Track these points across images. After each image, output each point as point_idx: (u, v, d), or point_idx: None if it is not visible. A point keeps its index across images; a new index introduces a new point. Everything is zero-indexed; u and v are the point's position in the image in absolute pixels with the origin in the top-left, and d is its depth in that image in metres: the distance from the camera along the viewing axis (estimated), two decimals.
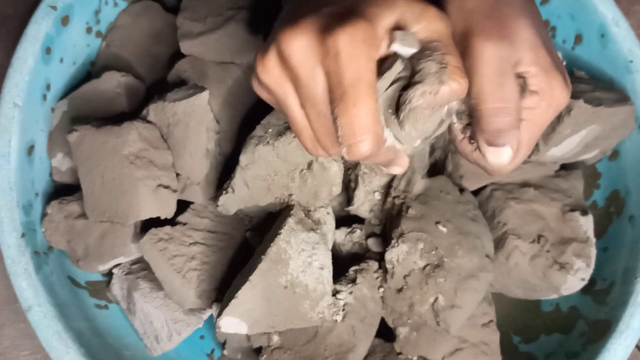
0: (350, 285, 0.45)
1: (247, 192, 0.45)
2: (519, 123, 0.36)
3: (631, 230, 0.50)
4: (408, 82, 0.33)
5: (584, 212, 0.49)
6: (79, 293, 0.49)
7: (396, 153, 0.36)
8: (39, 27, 0.47)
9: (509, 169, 0.37)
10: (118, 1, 0.54)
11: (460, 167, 0.49)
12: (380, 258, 0.48)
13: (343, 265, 0.47)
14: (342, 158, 0.44)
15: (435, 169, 0.51)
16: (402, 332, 0.46)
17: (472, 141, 0.38)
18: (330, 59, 0.32)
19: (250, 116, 0.51)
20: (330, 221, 0.47)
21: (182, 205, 0.48)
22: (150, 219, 0.46)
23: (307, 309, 0.43)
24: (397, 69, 0.33)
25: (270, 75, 0.34)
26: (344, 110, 0.32)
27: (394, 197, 0.48)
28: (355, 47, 0.31)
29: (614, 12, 0.50)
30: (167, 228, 0.47)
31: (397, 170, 0.37)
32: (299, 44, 0.32)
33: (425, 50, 0.33)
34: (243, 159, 0.45)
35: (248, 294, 0.40)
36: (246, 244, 0.49)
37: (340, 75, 0.32)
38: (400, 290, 0.45)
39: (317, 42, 0.32)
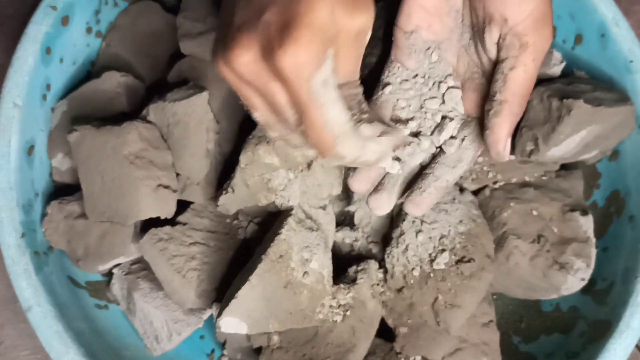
0: (350, 285, 0.45)
1: (247, 192, 0.45)
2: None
3: (631, 230, 0.50)
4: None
5: (584, 212, 0.49)
6: (79, 293, 0.49)
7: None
8: (39, 27, 0.47)
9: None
10: (118, 1, 0.54)
11: None
12: (380, 258, 0.48)
13: (343, 265, 0.47)
14: None
15: None
16: (402, 332, 0.46)
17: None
18: (281, 81, 0.31)
19: (250, 116, 0.51)
20: (330, 221, 0.47)
21: (182, 205, 0.48)
22: (150, 219, 0.46)
23: (307, 309, 0.43)
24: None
25: (229, 76, 0.33)
26: (309, 126, 0.33)
27: None
28: (301, 69, 0.31)
29: (614, 12, 0.50)
30: (167, 228, 0.47)
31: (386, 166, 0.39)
32: (245, 61, 0.31)
33: None
34: (243, 159, 0.45)
35: (248, 294, 0.40)
36: (246, 244, 0.49)
37: (296, 96, 0.32)
38: (400, 290, 0.45)
39: (262, 62, 0.31)
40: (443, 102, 0.42)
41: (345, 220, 0.51)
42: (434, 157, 0.42)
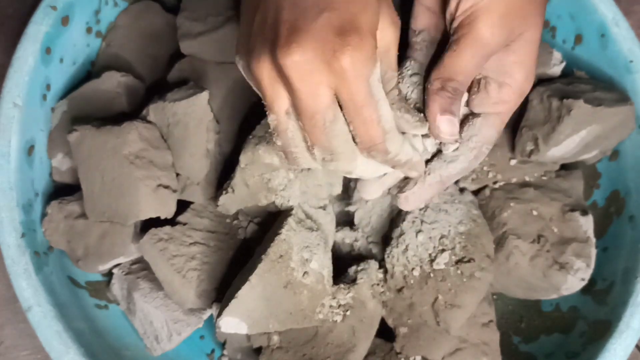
0: (350, 285, 0.45)
1: (247, 192, 0.45)
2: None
3: (631, 230, 0.50)
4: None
5: (584, 212, 0.49)
6: (79, 293, 0.49)
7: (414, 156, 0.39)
8: (39, 27, 0.47)
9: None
10: (118, 1, 0.54)
11: None
12: (380, 258, 0.48)
13: (343, 265, 0.47)
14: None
15: None
16: (402, 332, 0.46)
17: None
18: (337, 80, 0.33)
19: (250, 116, 0.51)
20: (331, 221, 0.47)
21: (182, 205, 0.48)
22: (150, 219, 0.46)
23: (307, 309, 0.43)
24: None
25: (263, 74, 0.34)
26: (364, 122, 0.35)
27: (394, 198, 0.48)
28: (361, 67, 0.33)
29: (614, 12, 0.50)
30: (167, 228, 0.47)
31: (414, 174, 0.40)
32: (299, 60, 0.33)
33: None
34: (243, 159, 0.45)
35: (248, 294, 0.40)
36: (246, 244, 0.49)
37: (352, 94, 0.34)
38: (400, 290, 0.45)
39: (319, 60, 0.33)
40: None
41: (345, 220, 0.51)
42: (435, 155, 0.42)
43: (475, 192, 0.51)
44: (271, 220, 0.47)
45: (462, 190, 0.50)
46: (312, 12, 0.33)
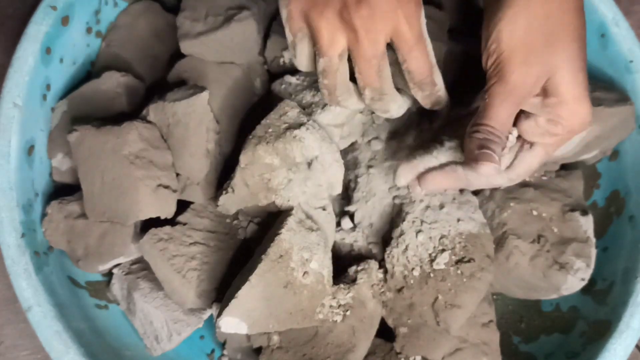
0: (350, 285, 0.45)
1: (247, 192, 0.45)
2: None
3: (631, 230, 0.50)
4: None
5: (584, 212, 0.49)
6: (79, 293, 0.49)
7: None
8: (39, 27, 0.47)
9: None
10: (118, 1, 0.54)
11: None
12: (380, 258, 0.48)
13: (343, 265, 0.47)
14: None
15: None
16: (402, 332, 0.46)
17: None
18: (396, 25, 0.39)
19: (250, 116, 0.51)
20: (331, 221, 0.47)
21: (182, 205, 0.48)
22: (150, 219, 0.46)
23: (306, 309, 0.43)
24: None
25: (323, 23, 0.39)
26: (414, 59, 0.40)
27: (394, 198, 0.48)
28: (416, 10, 0.39)
29: (614, 12, 0.50)
30: (167, 228, 0.47)
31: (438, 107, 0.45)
32: (366, 15, 0.38)
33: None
34: (243, 159, 0.45)
35: (248, 294, 0.40)
36: (246, 244, 0.49)
37: (409, 35, 0.39)
38: (400, 290, 0.45)
39: (380, 14, 0.38)
40: None
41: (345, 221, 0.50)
42: None
43: (475, 192, 0.51)
44: (271, 220, 0.47)
45: (462, 190, 0.50)
46: None
